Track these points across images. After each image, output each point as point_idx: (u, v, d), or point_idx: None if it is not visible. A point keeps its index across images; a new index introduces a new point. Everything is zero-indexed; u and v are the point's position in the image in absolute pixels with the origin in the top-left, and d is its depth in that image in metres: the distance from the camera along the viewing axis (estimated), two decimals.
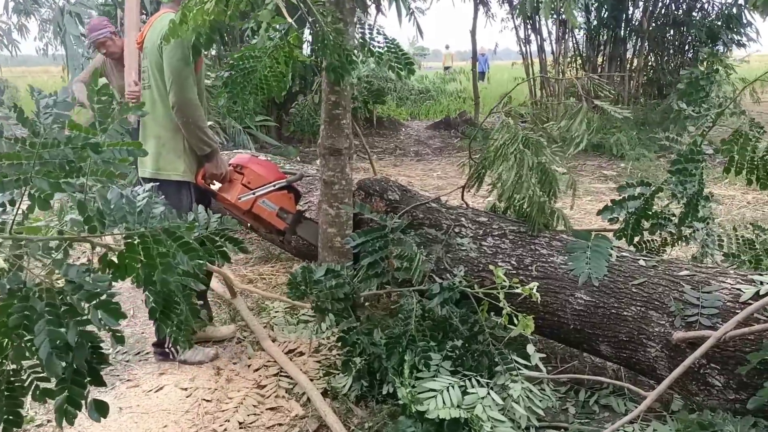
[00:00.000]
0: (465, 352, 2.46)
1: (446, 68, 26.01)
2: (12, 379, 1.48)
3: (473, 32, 12.10)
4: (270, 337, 3.20)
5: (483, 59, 23.35)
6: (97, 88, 1.45)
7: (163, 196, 2.70)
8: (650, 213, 2.98)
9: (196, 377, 2.91)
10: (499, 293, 2.39)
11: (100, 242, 1.69)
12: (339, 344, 2.75)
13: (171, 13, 2.70)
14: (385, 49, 2.86)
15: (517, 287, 2.36)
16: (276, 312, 3.51)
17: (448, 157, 9.36)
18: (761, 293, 2.21)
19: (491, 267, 2.49)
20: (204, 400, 2.72)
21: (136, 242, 1.63)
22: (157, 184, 2.94)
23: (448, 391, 2.33)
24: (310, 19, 2.68)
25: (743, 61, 3.69)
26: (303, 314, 3.42)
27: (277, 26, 2.71)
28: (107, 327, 1.44)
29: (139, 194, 1.87)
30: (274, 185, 3.18)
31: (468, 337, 2.51)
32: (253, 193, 3.09)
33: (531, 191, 2.81)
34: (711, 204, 3.16)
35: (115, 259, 1.66)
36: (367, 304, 2.90)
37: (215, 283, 3.84)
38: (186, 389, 2.81)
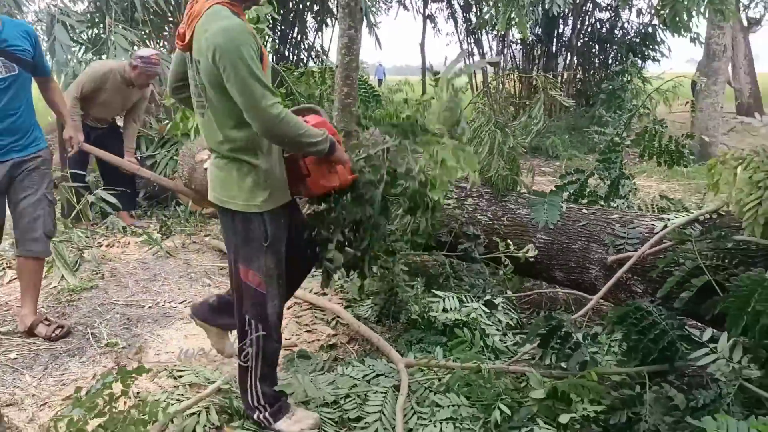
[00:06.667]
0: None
1: None
2: None
3: (422, 45, 13.11)
4: None
5: (381, 69, 25.97)
6: None
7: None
8: (585, 193, 3.98)
9: None
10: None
11: None
12: (357, 288, 3.14)
13: (219, 6, 2.02)
14: None
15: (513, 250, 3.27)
16: None
17: None
18: (667, 226, 3.14)
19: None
20: None
21: None
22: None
23: (450, 298, 3.17)
24: None
25: (659, 77, 4.84)
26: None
27: None
28: None
29: None
30: None
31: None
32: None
33: (498, 168, 3.69)
34: (631, 182, 4.17)
35: None
36: None
37: None
38: None
